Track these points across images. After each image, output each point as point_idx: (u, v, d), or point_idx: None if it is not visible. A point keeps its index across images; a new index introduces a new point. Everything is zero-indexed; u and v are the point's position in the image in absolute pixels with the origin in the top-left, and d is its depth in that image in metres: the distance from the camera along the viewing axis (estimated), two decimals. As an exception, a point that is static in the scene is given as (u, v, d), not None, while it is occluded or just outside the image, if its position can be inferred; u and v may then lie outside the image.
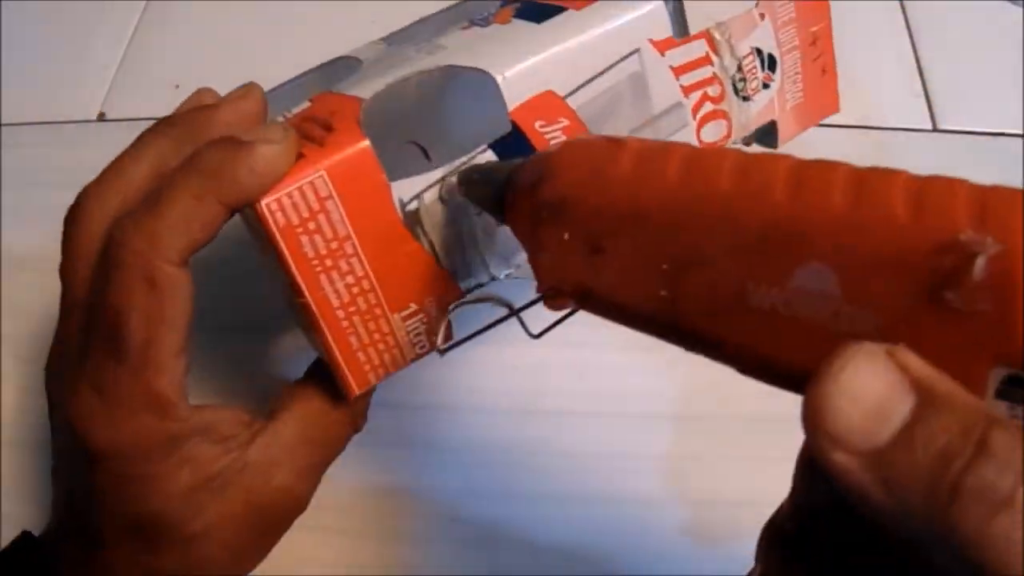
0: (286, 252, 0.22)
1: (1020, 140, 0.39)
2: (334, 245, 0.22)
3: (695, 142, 0.27)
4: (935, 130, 0.39)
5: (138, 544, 0.22)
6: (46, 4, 0.46)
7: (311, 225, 0.22)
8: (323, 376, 0.25)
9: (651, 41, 0.27)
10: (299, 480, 0.24)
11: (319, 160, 0.22)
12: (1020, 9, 0.43)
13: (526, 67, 0.25)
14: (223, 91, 0.28)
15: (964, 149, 0.39)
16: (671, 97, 0.27)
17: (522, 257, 0.25)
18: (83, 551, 0.23)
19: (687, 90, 0.27)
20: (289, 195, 0.21)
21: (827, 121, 0.39)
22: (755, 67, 0.28)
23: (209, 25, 0.45)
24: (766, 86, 0.28)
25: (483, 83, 0.24)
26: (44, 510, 0.30)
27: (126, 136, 0.26)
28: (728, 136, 0.28)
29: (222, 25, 0.45)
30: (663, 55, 0.27)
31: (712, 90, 0.28)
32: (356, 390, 0.24)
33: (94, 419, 0.21)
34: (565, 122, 0.25)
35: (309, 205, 0.22)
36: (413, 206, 0.23)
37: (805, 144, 0.40)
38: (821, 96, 0.29)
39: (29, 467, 0.32)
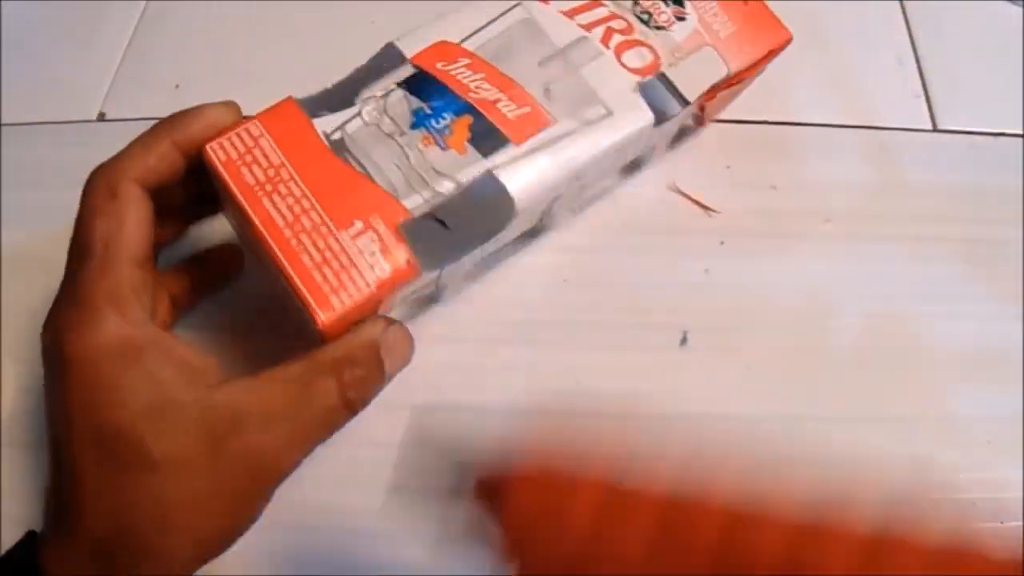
0: (229, 181, 0.25)
1: (1020, 140, 0.39)
2: (271, 172, 0.26)
3: (619, 68, 0.29)
4: (935, 130, 0.39)
5: (103, 465, 0.23)
6: (46, 4, 0.46)
7: (248, 158, 0.26)
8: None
9: None
10: (271, 436, 0.24)
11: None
12: (1020, 9, 0.43)
13: (418, 31, 0.30)
14: (223, 90, 0.28)
15: (964, 149, 0.39)
16: (571, 34, 0.30)
17: (464, 173, 0.27)
18: (65, 493, 0.23)
19: (587, 27, 0.30)
20: (228, 139, 0.26)
21: (827, 121, 0.39)
22: (656, 5, 0.31)
23: (209, 25, 0.45)
24: (681, 19, 0.31)
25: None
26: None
27: (126, 136, 0.26)
28: (657, 60, 0.30)
29: (222, 25, 0.45)
30: (547, 4, 0.30)
31: (616, 24, 0.30)
32: (321, 315, 0.24)
33: (66, 322, 0.24)
34: (466, 60, 0.29)
35: (245, 143, 0.26)
36: (337, 136, 0.27)
37: (807, 144, 0.40)
38: (757, 22, 0.31)
39: (29, 467, 0.32)
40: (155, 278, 0.27)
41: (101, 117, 0.41)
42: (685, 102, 0.30)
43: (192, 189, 0.27)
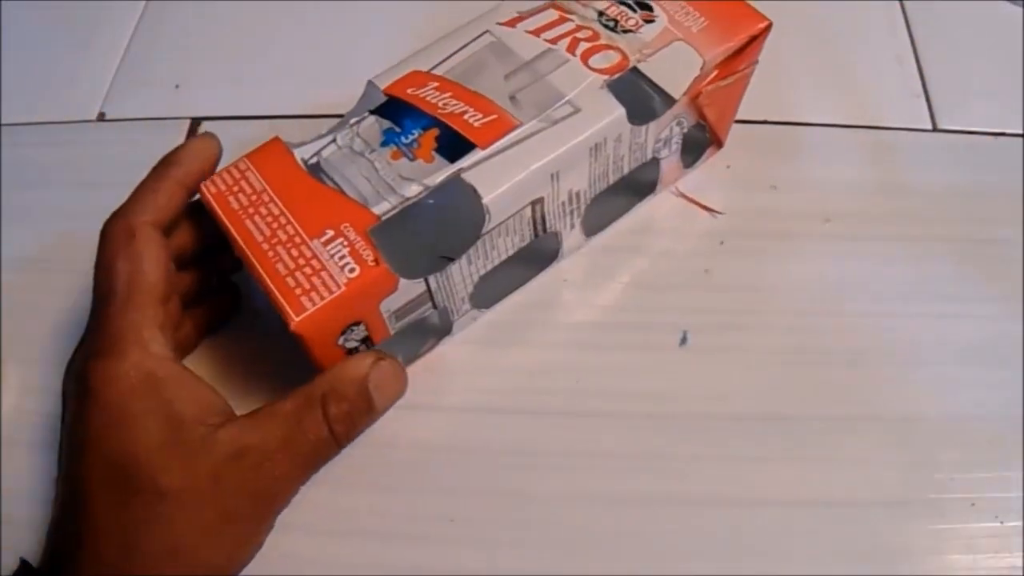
0: (217, 209, 0.28)
1: (1020, 140, 0.39)
2: (254, 197, 0.28)
3: (585, 71, 0.30)
4: (935, 130, 0.39)
5: (115, 495, 0.24)
6: (46, 4, 0.46)
7: (235, 188, 0.28)
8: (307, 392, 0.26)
9: (499, 23, 0.32)
10: (272, 471, 0.25)
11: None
12: (1020, 9, 0.43)
13: (393, 68, 0.32)
14: (223, 90, 0.28)
15: (964, 149, 0.39)
16: (538, 48, 0.31)
17: (432, 177, 0.28)
18: (73, 523, 0.24)
19: (553, 41, 0.31)
20: (219, 176, 0.29)
21: (827, 121, 0.39)
22: (623, 11, 0.32)
23: (209, 25, 0.45)
24: (650, 22, 0.32)
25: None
26: (44, 509, 0.30)
27: (126, 136, 0.26)
28: (625, 60, 0.30)
29: (222, 25, 0.45)
30: (514, 27, 0.32)
31: (582, 34, 0.31)
32: (293, 316, 0.25)
33: (92, 354, 0.25)
34: (435, 84, 0.30)
35: (233, 176, 0.29)
36: (313, 160, 0.29)
37: (807, 144, 0.40)
38: (731, 15, 0.32)
39: (29, 467, 0.32)
40: (175, 315, 0.30)
41: (101, 117, 0.41)
42: (670, 99, 0.30)
43: (206, 238, 0.30)
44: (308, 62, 0.43)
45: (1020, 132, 0.39)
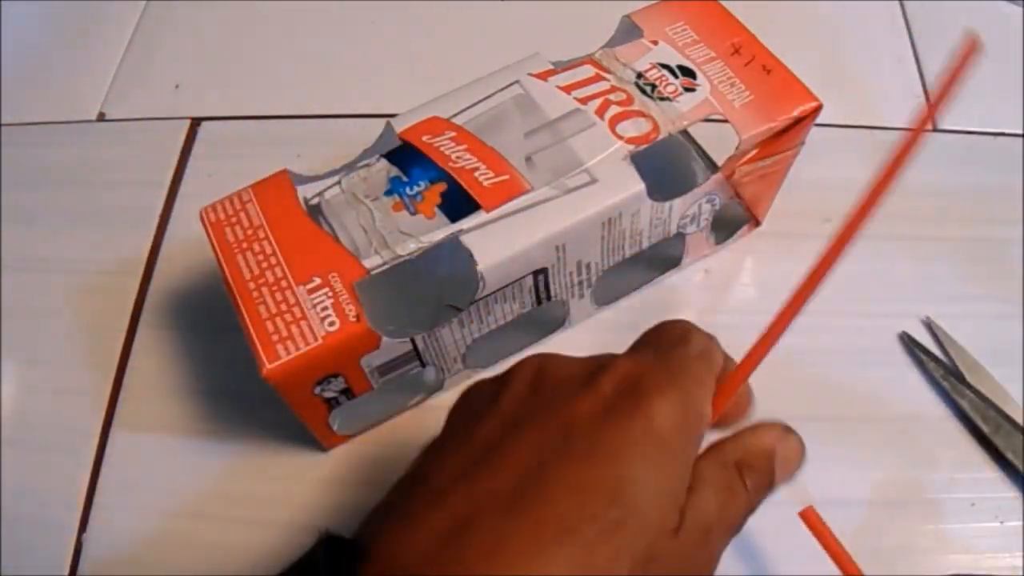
0: (212, 238, 0.27)
1: (1020, 140, 0.39)
2: (250, 232, 0.27)
3: (610, 138, 0.28)
4: (935, 130, 0.39)
5: None
6: (46, 4, 0.46)
7: (233, 219, 0.28)
8: None
9: (530, 74, 0.30)
10: (712, 548, 0.21)
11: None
12: (1020, 9, 0.43)
13: (415, 110, 0.30)
14: (223, 91, 0.28)
15: (964, 149, 0.39)
16: (565, 106, 0.29)
17: (429, 236, 0.27)
18: None
19: (583, 100, 0.29)
20: (220, 203, 0.28)
21: (827, 120, 0.39)
22: (663, 76, 0.30)
23: (209, 25, 0.45)
24: (690, 90, 0.29)
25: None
26: (44, 510, 0.30)
27: (126, 136, 0.26)
28: (655, 130, 0.28)
29: (222, 25, 0.45)
30: (546, 80, 0.30)
31: (615, 96, 0.29)
32: (267, 363, 0.25)
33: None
34: (452, 133, 0.29)
35: (235, 208, 0.28)
36: (315, 201, 0.28)
37: (807, 144, 0.40)
38: (779, 91, 0.30)
39: (29, 467, 0.32)
40: None
41: (101, 117, 0.41)
42: (699, 177, 0.28)
43: None
44: (307, 62, 0.43)
45: (1020, 132, 0.39)
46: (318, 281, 0.26)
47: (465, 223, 0.27)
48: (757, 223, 0.35)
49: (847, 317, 0.34)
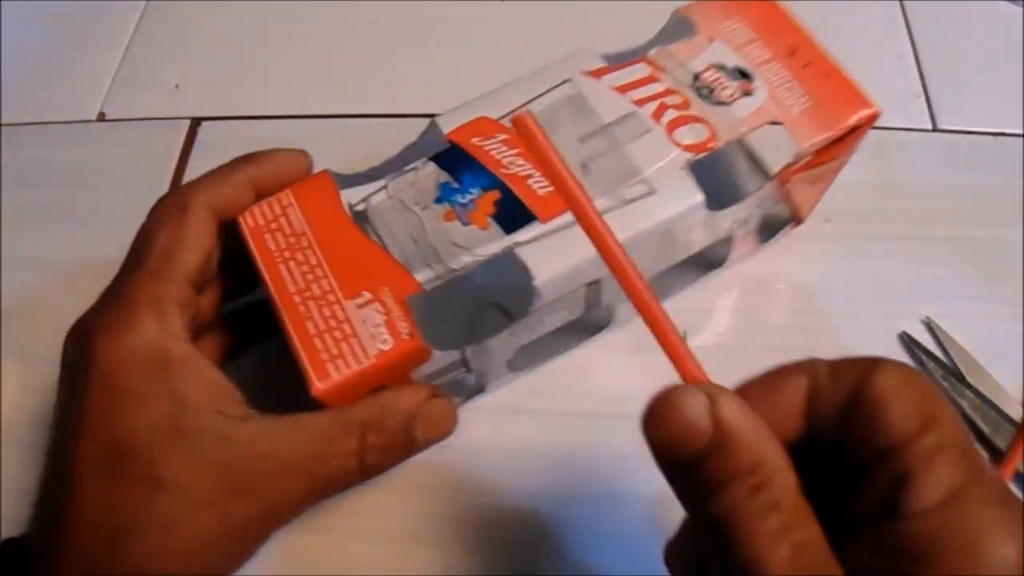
0: (252, 246, 0.26)
1: (1020, 140, 0.39)
2: (292, 240, 0.26)
3: (668, 145, 0.27)
4: (935, 130, 0.39)
5: (107, 480, 0.22)
6: (46, 4, 0.46)
7: (274, 225, 0.26)
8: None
9: (582, 72, 0.29)
10: (282, 482, 0.23)
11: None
12: (1020, 9, 0.43)
13: (461, 108, 0.29)
14: (223, 91, 0.28)
15: (964, 149, 0.39)
16: (620, 109, 0.28)
17: (483, 248, 0.26)
18: (56, 504, 0.22)
19: (638, 103, 0.28)
20: (260, 207, 0.27)
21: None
22: (720, 78, 0.29)
23: (209, 25, 0.45)
24: (747, 94, 0.29)
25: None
26: (44, 510, 0.30)
27: (126, 136, 0.26)
28: (713, 137, 0.28)
29: (222, 25, 0.45)
30: (599, 79, 0.29)
31: (671, 100, 0.28)
32: (316, 382, 0.24)
33: (102, 322, 0.23)
34: (503, 136, 0.28)
35: (274, 212, 0.27)
36: (360, 207, 0.27)
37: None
38: (837, 96, 0.29)
39: (29, 467, 0.32)
40: (200, 315, 0.26)
41: (101, 117, 0.41)
42: (756, 186, 0.28)
43: (231, 262, 0.27)
44: (308, 62, 0.43)
45: (1020, 132, 0.39)
46: (368, 296, 0.25)
47: (520, 235, 0.26)
48: (800, 222, 0.35)
49: (847, 317, 0.34)
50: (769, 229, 0.34)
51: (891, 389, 0.17)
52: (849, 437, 0.18)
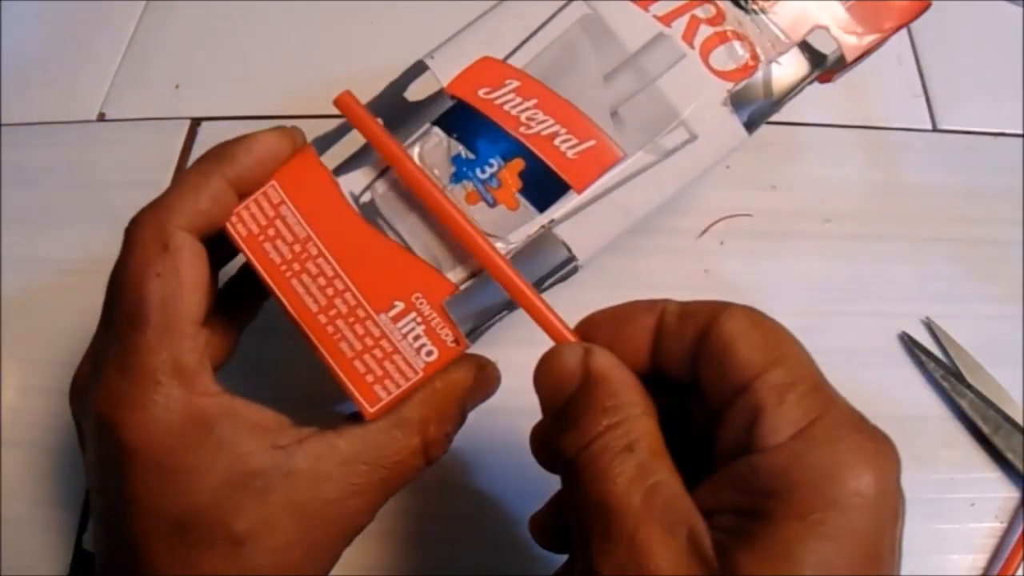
0: (254, 260, 0.23)
1: (1020, 140, 0.39)
2: (297, 248, 0.23)
3: (706, 74, 0.23)
4: (935, 130, 0.39)
5: (181, 549, 0.20)
6: (46, 4, 0.46)
7: (271, 231, 0.23)
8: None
9: None
10: (355, 497, 0.22)
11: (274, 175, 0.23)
12: (1020, 9, 0.43)
13: (453, 43, 0.25)
14: (223, 91, 0.28)
15: (964, 149, 0.39)
16: (646, 31, 0.24)
17: (517, 233, 0.23)
18: (127, 571, 0.21)
19: (665, 19, 0.24)
20: (247, 207, 0.23)
21: (827, 120, 0.39)
22: None
23: (209, 25, 0.45)
24: None
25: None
26: (44, 510, 0.30)
27: (126, 136, 0.26)
28: (755, 60, 0.24)
29: (222, 25, 0.45)
30: None
31: (702, 11, 0.24)
32: (368, 407, 0.22)
33: (122, 401, 0.21)
34: (515, 83, 0.23)
35: (265, 213, 0.23)
36: (367, 197, 0.23)
37: (807, 144, 0.40)
38: None
39: (29, 467, 0.32)
40: (210, 333, 0.24)
41: (101, 117, 0.41)
42: (781, 101, 0.24)
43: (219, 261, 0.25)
44: (308, 62, 0.43)
45: (1020, 132, 0.39)
46: (401, 306, 0.22)
47: (556, 211, 0.23)
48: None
49: (847, 317, 0.34)
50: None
51: (738, 331, 0.18)
52: (704, 379, 0.18)
